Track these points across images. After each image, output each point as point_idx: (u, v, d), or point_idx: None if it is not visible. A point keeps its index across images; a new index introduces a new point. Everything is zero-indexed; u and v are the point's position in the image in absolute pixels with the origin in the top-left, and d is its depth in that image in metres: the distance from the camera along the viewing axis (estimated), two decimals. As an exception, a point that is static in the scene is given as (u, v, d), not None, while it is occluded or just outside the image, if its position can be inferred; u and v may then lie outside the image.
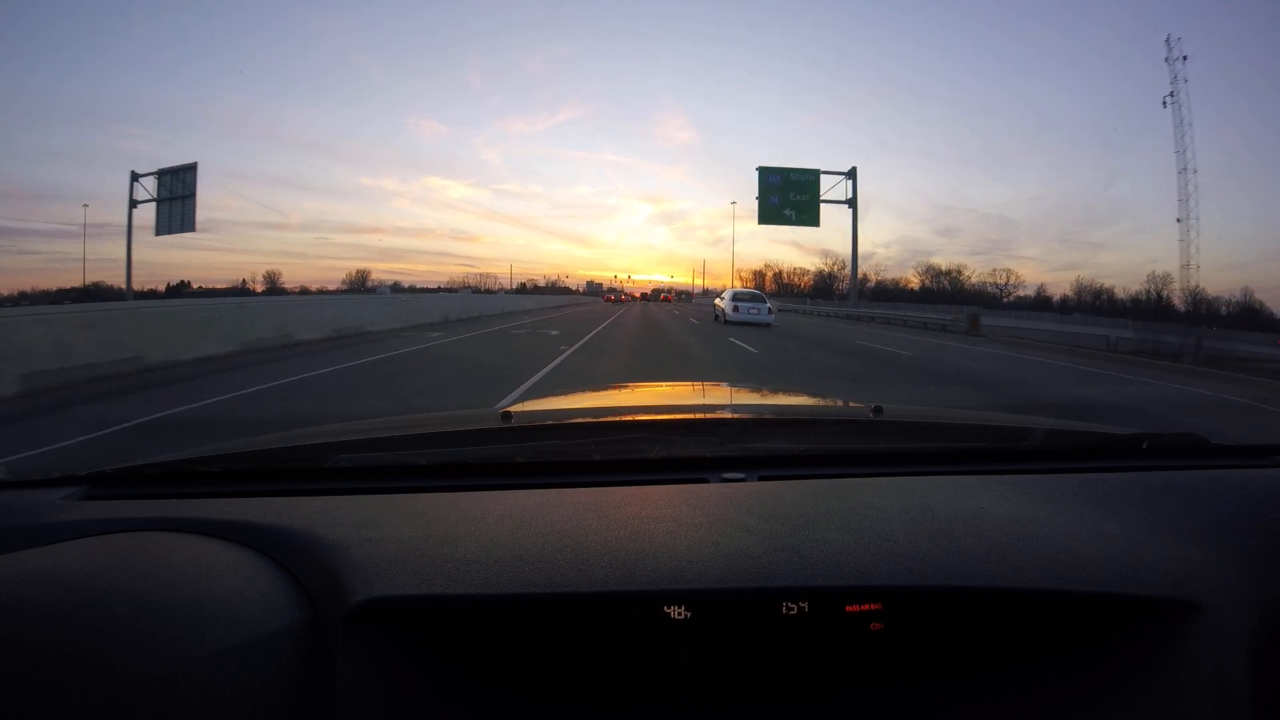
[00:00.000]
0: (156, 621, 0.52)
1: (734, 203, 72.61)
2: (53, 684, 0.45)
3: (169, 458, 0.92)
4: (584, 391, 2.03)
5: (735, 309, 20.47)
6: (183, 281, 72.93)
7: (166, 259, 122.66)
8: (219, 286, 73.10)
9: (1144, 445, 1.00)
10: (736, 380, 6.96)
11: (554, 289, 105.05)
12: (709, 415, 1.28)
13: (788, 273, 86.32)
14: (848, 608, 0.62)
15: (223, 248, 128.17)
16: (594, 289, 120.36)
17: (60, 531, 0.70)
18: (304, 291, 65.46)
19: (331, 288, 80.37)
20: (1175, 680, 0.57)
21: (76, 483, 0.84)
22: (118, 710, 0.46)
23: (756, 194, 34.71)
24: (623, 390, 2.12)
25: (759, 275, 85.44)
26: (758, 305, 20.72)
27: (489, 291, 78.56)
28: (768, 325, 19.69)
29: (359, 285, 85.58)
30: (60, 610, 0.51)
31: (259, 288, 78.68)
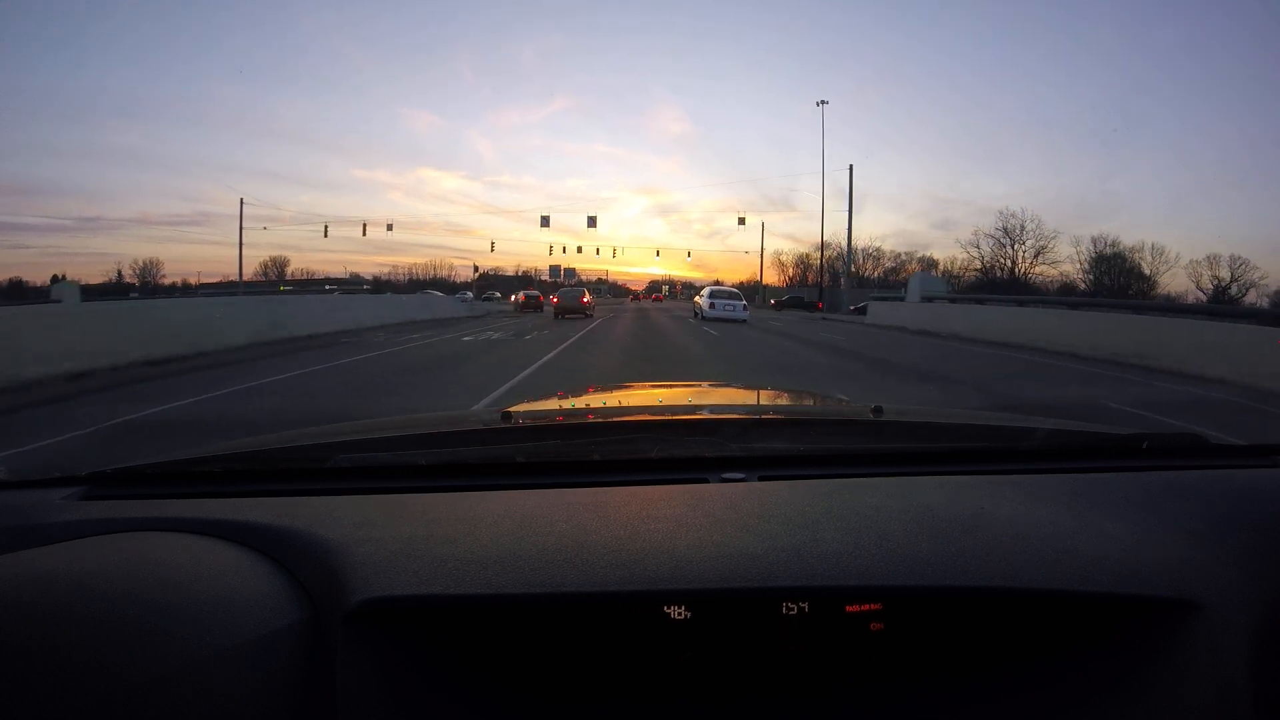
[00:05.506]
0: (156, 621, 0.52)
1: (822, 103, 46.41)
2: (52, 684, 0.45)
3: (169, 458, 0.92)
4: (583, 392, 2.03)
5: (711, 305, 21.89)
6: (58, 276, 58.37)
7: (161, 253, 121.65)
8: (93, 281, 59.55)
9: (1144, 445, 1.00)
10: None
11: (524, 278, 78.29)
12: (709, 415, 1.28)
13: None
14: (848, 608, 0.62)
15: (217, 241, 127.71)
16: (568, 281, 59.99)
17: (60, 531, 0.70)
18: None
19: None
20: (1175, 680, 0.57)
21: (76, 483, 0.84)
22: (118, 710, 0.46)
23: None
24: (622, 390, 2.12)
25: (796, 265, 76.78)
26: (733, 303, 21.96)
27: (443, 285, 62.88)
28: (744, 321, 20.62)
29: (276, 279, 69.67)
30: (60, 610, 0.51)
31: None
